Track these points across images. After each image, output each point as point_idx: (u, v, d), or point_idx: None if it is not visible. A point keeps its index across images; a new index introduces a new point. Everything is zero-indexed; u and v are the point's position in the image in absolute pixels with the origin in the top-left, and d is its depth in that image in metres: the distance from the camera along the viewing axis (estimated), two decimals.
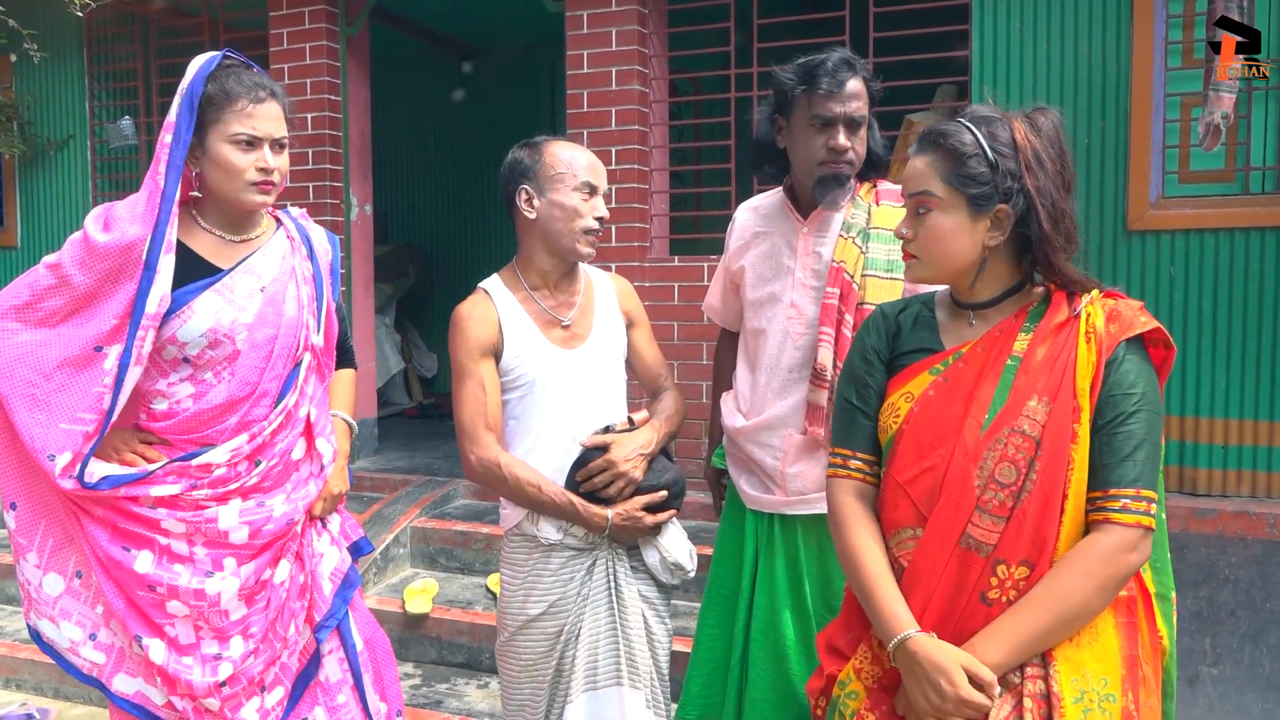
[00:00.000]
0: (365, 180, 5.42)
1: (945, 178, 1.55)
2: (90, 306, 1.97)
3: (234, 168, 2.01)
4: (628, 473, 2.19)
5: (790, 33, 4.30)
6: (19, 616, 4.33)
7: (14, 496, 2.03)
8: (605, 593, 2.26)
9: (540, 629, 2.26)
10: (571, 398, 2.27)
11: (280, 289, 2.09)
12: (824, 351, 2.20)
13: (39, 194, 6.05)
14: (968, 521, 1.52)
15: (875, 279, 2.21)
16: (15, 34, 5.06)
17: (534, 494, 2.19)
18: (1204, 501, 3.64)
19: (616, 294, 2.43)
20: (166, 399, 2.04)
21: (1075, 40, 3.83)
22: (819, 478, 2.22)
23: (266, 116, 2.02)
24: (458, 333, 2.26)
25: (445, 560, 4.35)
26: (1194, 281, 3.72)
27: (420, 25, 6.65)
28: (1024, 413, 1.51)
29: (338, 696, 2.23)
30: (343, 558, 2.26)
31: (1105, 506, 1.49)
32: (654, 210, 4.69)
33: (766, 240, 2.35)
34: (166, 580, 1.99)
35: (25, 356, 1.95)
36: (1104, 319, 1.53)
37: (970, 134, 1.54)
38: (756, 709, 2.31)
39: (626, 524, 2.20)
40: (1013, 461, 1.50)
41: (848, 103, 2.17)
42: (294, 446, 2.13)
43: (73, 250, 1.98)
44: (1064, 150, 1.55)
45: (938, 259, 1.59)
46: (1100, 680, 1.47)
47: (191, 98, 1.97)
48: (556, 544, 2.26)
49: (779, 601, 2.30)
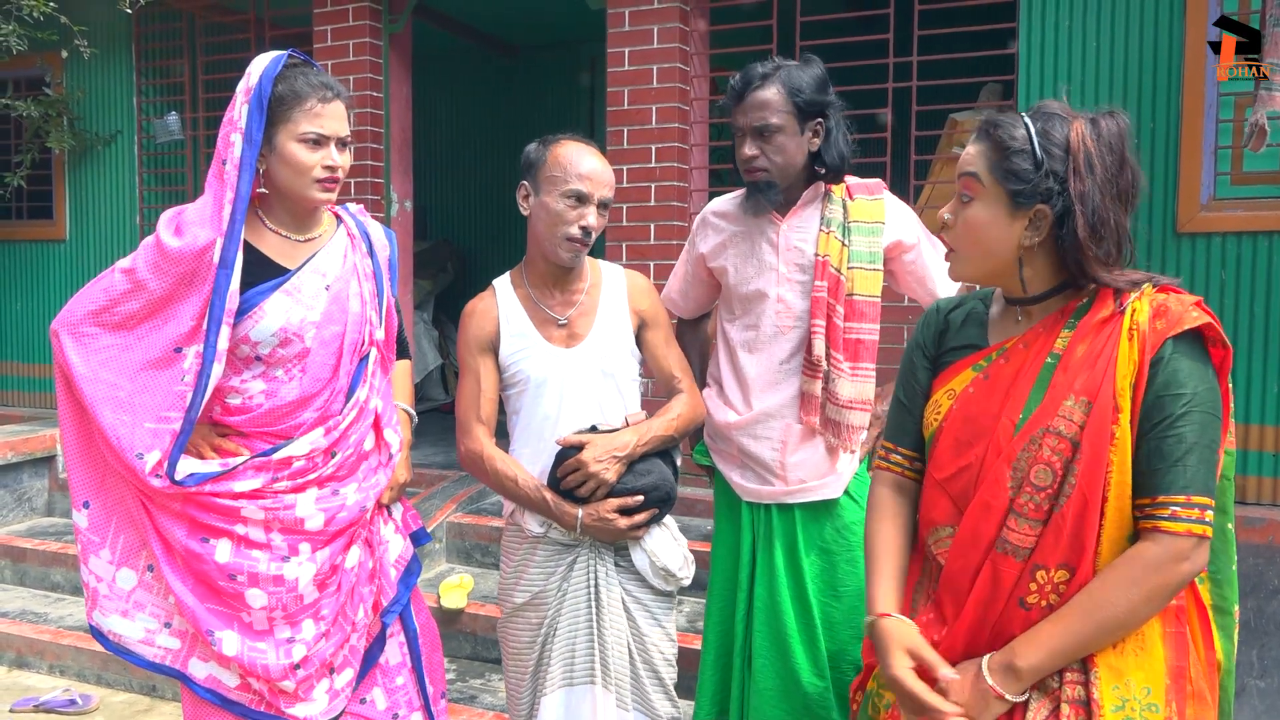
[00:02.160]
0: (406, 176, 5.45)
1: (990, 168, 1.52)
2: (166, 309, 2.02)
3: (302, 165, 2.05)
4: (598, 474, 2.19)
5: (833, 31, 4.26)
6: (63, 604, 4.41)
7: (87, 495, 2.09)
8: (585, 591, 2.28)
9: (524, 618, 2.33)
10: (568, 396, 2.29)
11: (344, 286, 2.14)
12: (818, 342, 2.28)
13: (87, 188, 6.15)
14: (1000, 524, 1.49)
15: (860, 270, 2.30)
16: (66, 31, 5.15)
17: (510, 487, 2.28)
18: (1253, 510, 3.56)
19: (628, 293, 2.39)
20: (240, 395, 2.09)
21: (1125, 37, 3.76)
22: (818, 465, 2.33)
23: (333, 116, 2.07)
24: (461, 329, 2.38)
25: (480, 556, 4.36)
26: (1245, 285, 3.63)
27: (462, 23, 6.67)
28: (1060, 413, 1.45)
29: (396, 679, 2.30)
30: (406, 546, 2.33)
31: (1154, 514, 1.43)
32: (693, 208, 4.67)
33: (744, 240, 2.39)
34: (247, 568, 2.04)
35: (108, 361, 2.01)
36: (1150, 315, 1.46)
37: (1024, 129, 1.50)
38: (763, 698, 2.34)
39: (597, 524, 2.21)
40: (1048, 464, 1.45)
41: (750, 113, 2.25)
42: (365, 438, 2.19)
43: (146, 255, 2.03)
44: (1125, 158, 1.49)
45: (972, 251, 1.56)
46: (1143, 689, 1.43)
47: (260, 98, 2.01)
48: (540, 537, 2.31)
49: (779, 591, 2.34)
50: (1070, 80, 3.85)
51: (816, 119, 2.28)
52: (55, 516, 5.26)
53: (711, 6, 4.66)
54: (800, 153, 2.29)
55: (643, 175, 4.58)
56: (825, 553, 2.34)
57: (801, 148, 2.28)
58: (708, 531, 4.21)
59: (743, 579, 2.40)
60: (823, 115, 2.28)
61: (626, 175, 4.60)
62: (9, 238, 6.42)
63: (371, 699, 2.27)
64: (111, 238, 6.10)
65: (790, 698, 2.32)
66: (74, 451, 2.08)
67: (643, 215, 4.59)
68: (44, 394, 6.32)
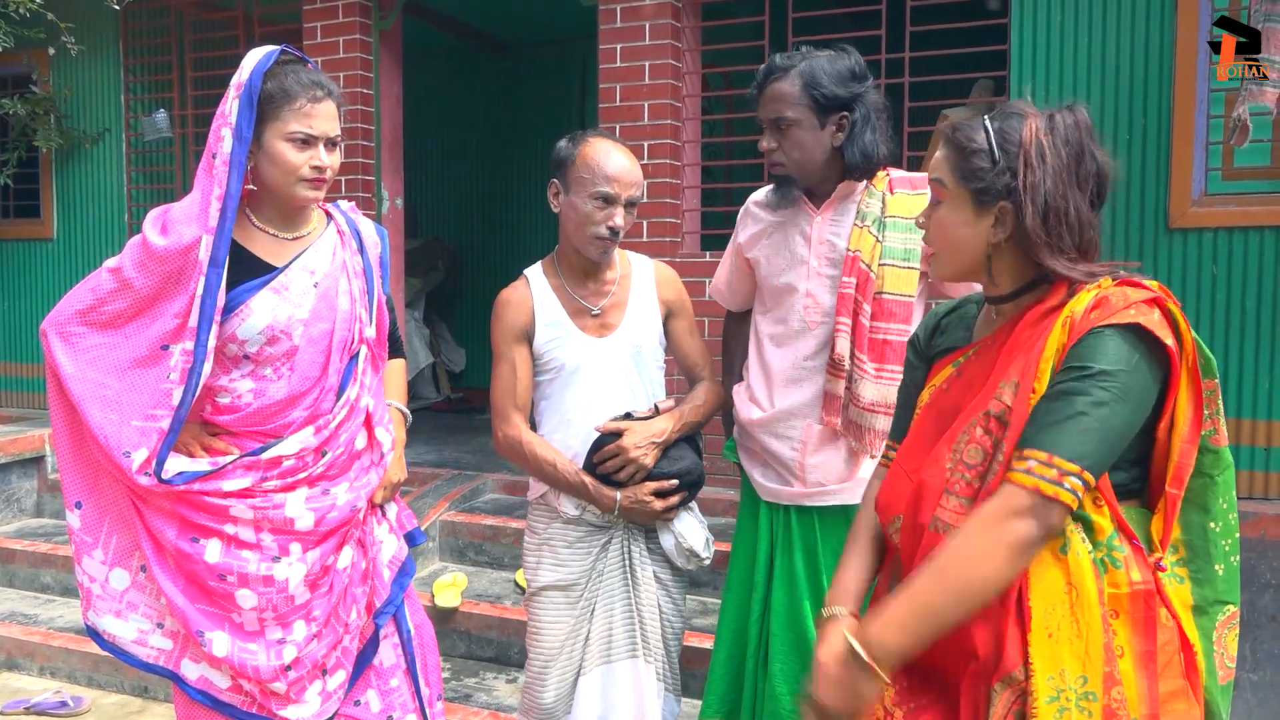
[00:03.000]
0: (397, 174, 5.43)
1: (953, 170, 1.57)
2: (153, 307, 2.02)
3: (289, 165, 2.03)
4: (638, 459, 2.27)
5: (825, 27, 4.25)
6: (53, 606, 4.39)
7: (79, 495, 2.08)
8: (620, 570, 2.37)
9: (550, 597, 2.38)
10: (599, 384, 2.36)
11: (332, 283, 2.13)
12: (841, 340, 2.22)
13: (75, 186, 6.11)
14: (936, 504, 1.50)
15: (893, 268, 2.22)
16: (53, 27, 5.11)
17: (550, 471, 2.33)
18: (1245, 505, 3.57)
19: (656, 283, 2.47)
20: (229, 394, 2.08)
21: (1117, 34, 3.77)
22: (839, 468, 2.28)
23: (323, 115, 2.05)
24: (496, 318, 2.40)
25: (474, 554, 4.35)
26: (1237, 280, 3.65)
27: (453, 20, 6.66)
28: (995, 395, 1.48)
29: (390, 680, 2.29)
30: (400, 546, 2.32)
31: (1014, 466, 1.39)
32: (685, 205, 4.67)
33: (780, 230, 2.36)
34: (236, 568, 2.03)
35: (96, 359, 2.01)
36: (1089, 305, 1.44)
37: (982, 130, 1.55)
38: (778, 702, 2.30)
39: (634, 507, 2.30)
40: (979, 443, 1.48)
41: (766, 106, 2.24)
42: (356, 436, 2.17)
43: (132, 254, 2.02)
44: (1085, 148, 1.51)
45: (946, 250, 1.61)
46: (1079, 679, 1.38)
47: (250, 94, 1.99)
48: (576, 519, 2.37)
49: (799, 594, 2.30)
50: (1062, 75, 3.86)
51: (840, 113, 2.21)
52: (44, 518, 5.23)
53: (703, 3, 4.65)
54: (820, 147, 2.22)
55: None
56: None
57: (822, 142, 2.22)
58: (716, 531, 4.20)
59: (758, 580, 2.37)
60: (848, 109, 2.21)
61: None
62: None
63: (366, 701, 2.26)
64: (99, 236, 6.06)
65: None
66: (66, 452, 2.07)
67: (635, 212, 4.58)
68: (32, 394, 6.28)
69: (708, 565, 2.42)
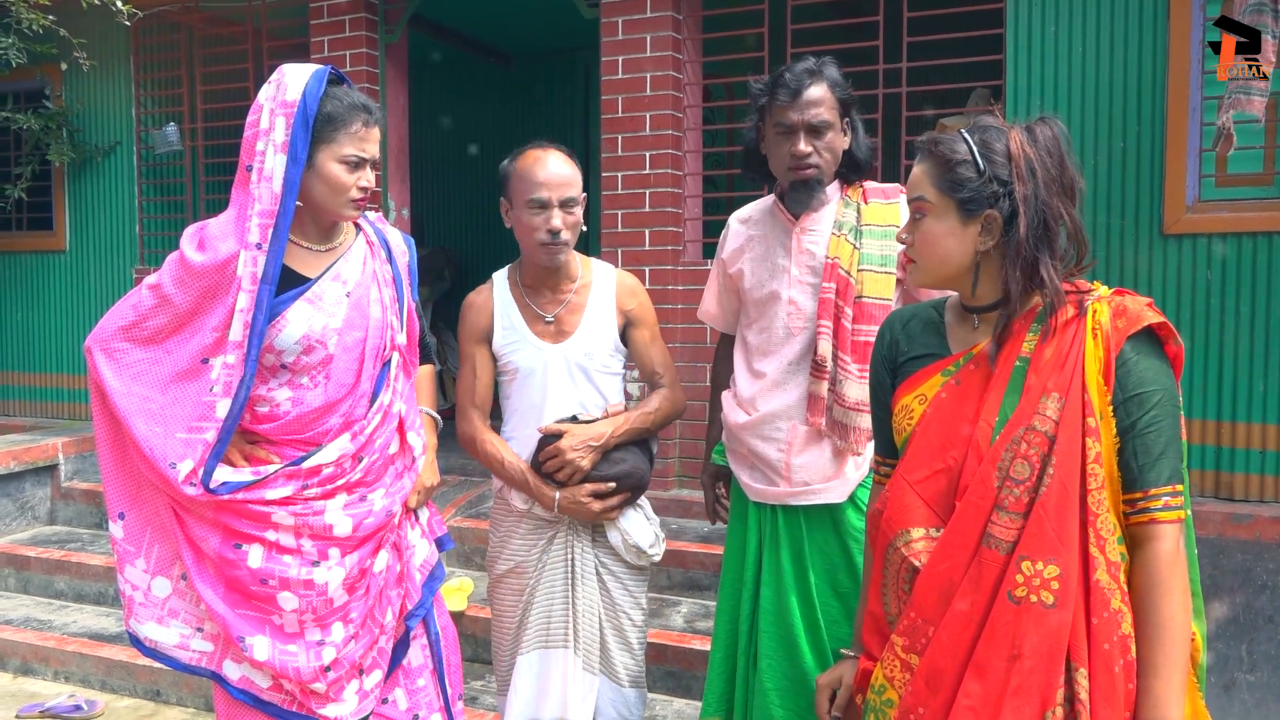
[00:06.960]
0: (403, 185, 5.50)
1: (936, 183, 1.61)
2: (193, 322, 2.07)
3: (341, 185, 2.10)
4: (574, 461, 2.39)
5: (824, 38, 4.31)
6: (66, 611, 4.46)
7: (122, 507, 2.13)
8: (562, 564, 2.49)
9: (507, 585, 2.55)
10: (552, 387, 2.47)
11: (364, 293, 2.18)
12: (823, 343, 2.30)
13: (87, 199, 6.20)
14: (987, 520, 1.55)
15: (871, 273, 2.31)
16: (65, 43, 5.19)
17: (498, 468, 2.49)
18: (1241, 507, 3.61)
19: (616, 292, 2.55)
20: (268, 403, 2.13)
21: (1111, 43, 3.82)
22: (823, 468, 2.33)
23: (373, 140, 2.14)
24: (461, 319, 2.57)
25: (480, 560, 4.38)
26: (1230, 286, 3.69)
27: (458, 32, 6.73)
28: (1038, 410, 1.54)
29: (418, 680, 2.35)
30: (431, 551, 2.39)
31: (1148, 507, 1.52)
32: (687, 214, 4.72)
33: (760, 244, 2.44)
34: (278, 572, 2.08)
35: (140, 374, 2.06)
36: (1111, 315, 1.55)
37: (963, 142, 1.60)
38: (766, 698, 2.35)
39: (572, 506, 2.42)
40: (1026, 459, 1.53)
41: (805, 110, 2.27)
42: (391, 442, 2.23)
43: (171, 270, 2.08)
44: (1064, 159, 1.58)
45: (931, 262, 1.65)
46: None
47: (305, 116, 2.04)
48: (525, 513, 2.51)
49: (785, 590, 2.36)
50: (1057, 83, 3.91)
51: (846, 116, 2.32)
52: (58, 525, 5.31)
53: (704, 14, 4.71)
54: (842, 148, 2.33)
55: (637, 182, 4.63)
56: (829, 556, 2.34)
57: (843, 143, 2.33)
58: (704, 533, 4.25)
59: (748, 579, 2.43)
60: (850, 111, 2.33)
61: (621, 182, 4.65)
62: (9, 249, 6.46)
63: (394, 699, 2.31)
64: (111, 248, 6.14)
65: (796, 697, 2.33)
66: (110, 464, 2.12)
67: (638, 221, 4.64)
68: (45, 403, 6.36)
69: (657, 562, 2.53)
